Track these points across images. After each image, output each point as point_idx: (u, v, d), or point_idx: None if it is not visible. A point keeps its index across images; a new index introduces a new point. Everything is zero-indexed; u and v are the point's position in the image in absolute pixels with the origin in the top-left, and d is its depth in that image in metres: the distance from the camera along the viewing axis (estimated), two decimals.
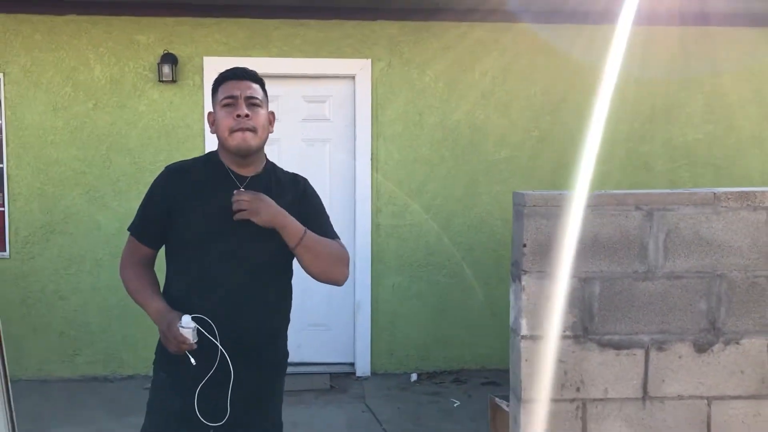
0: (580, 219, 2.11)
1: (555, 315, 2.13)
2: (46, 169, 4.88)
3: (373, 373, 5.13)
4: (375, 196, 5.05)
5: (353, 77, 5.00)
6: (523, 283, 2.13)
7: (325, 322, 5.17)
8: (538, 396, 2.15)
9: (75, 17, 4.82)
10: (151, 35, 4.90)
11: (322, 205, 2.22)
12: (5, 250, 4.90)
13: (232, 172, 2.09)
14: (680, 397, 2.18)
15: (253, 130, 2.03)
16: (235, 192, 2.00)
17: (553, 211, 2.11)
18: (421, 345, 5.17)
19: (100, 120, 4.89)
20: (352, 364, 5.18)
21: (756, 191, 2.13)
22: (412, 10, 4.87)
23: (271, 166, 2.19)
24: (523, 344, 2.14)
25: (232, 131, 2.02)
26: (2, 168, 4.88)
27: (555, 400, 2.15)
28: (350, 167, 5.09)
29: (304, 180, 2.23)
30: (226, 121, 2.04)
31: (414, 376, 5.06)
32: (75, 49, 4.86)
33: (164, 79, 4.79)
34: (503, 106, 5.06)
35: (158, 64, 4.80)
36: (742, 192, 2.12)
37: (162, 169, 2.18)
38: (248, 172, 2.10)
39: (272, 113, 2.17)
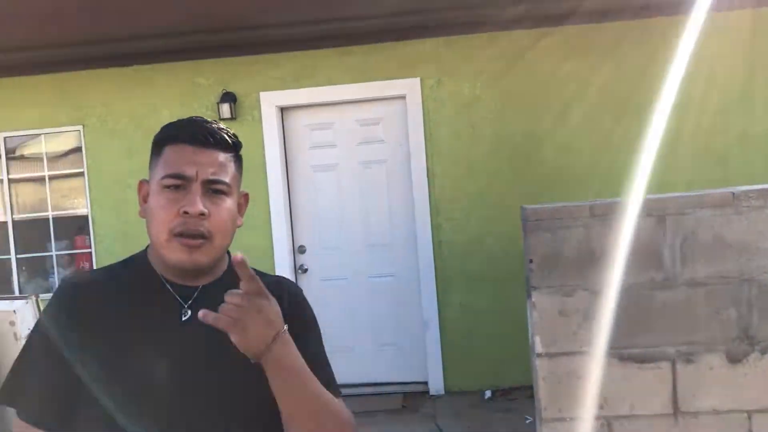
0: (587, 229, 2.04)
1: (569, 331, 2.06)
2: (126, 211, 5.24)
3: (447, 391, 5.08)
4: (434, 213, 5.04)
5: (404, 97, 5.03)
6: (533, 299, 2.08)
7: (395, 341, 5.18)
8: (559, 415, 2.08)
9: (139, 67, 5.16)
10: (210, 77, 5.16)
11: (317, 326, 1.38)
12: None
13: (169, 282, 1.27)
14: (716, 412, 2.04)
15: (208, 238, 1.22)
16: (227, 293, 1.12)
17: (557, 223, 2.05)
18: (494, 361, 5.07)
19: None
20: (426, 383, 5.16)
21: None
22: (456, 25, 4.85)
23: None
24: (538, 363, 2.08)
25: (172, 235, 1.21)
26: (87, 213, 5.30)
27: (577, 419, 2.07)
28: (407, 186, 5.11)
29: (296, 288, 1.40)
30: (164, 214, 1.22)
31: (488, 393, 4.97)
32: (143, 97, 5.19)
33: (224, 116, 5.02)
34: (559, 112, 4.93)
35: (217, 103, 5.04)
36: (764, 189, 1.98)
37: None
38: (198, 282, 1.28)
39: (245, 196, 1.35)
